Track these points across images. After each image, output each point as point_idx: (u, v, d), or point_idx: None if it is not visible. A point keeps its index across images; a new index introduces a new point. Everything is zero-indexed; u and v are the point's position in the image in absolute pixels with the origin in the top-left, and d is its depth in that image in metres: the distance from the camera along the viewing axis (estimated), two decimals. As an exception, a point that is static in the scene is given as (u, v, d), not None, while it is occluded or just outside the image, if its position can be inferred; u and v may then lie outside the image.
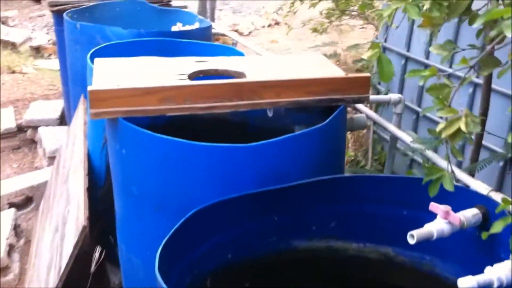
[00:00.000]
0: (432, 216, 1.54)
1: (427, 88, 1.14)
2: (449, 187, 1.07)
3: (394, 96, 2.10)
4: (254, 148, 1.51)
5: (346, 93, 1.76)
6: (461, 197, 1.53)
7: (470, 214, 1.42)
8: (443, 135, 1.03)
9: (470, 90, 2.63)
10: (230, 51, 2.53)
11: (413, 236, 1.37)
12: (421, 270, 1.67)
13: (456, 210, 1.47)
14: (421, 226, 1.62)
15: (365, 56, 1.21)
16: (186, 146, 1.53)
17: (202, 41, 2.68)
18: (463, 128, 0.98)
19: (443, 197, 1.57)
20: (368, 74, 1.77)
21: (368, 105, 2.35)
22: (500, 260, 1.41)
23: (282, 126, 2.45)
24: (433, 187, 1.10)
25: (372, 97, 2.29)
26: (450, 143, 1.05)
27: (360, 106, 2.10)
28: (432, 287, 1.65)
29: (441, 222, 1.40)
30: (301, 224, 1.64)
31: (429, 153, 1.81)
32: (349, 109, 2.14)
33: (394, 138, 2.14)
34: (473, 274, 1.56)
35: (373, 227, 1.68)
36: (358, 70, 4.10)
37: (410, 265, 1.68)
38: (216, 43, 3.27)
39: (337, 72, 1.86)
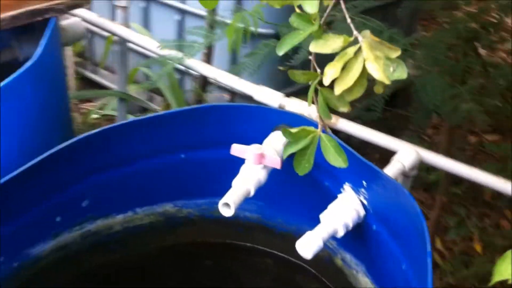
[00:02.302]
0: (222, 150, 1.11)
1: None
2: (338, 161, 0.62)
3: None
4: None
5: (52, -3, 1.09)
6: (250, 115, 1.12)
7: (280, 144, 1.03)
8: (337, 91, 0.55)
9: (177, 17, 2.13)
10: None
11: (229, 205, 0.92)
12: (212, 218, 1.26)
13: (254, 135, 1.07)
14: (208, 167, 1.19)
15: None
16: None
17: None
18: (379, 76, 0.51)
19: (229, 121, 1.15)
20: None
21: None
22: (322, 187, 1.09)
23: None
24: (302, 163, 0.63)
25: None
26: (344, 98, 0.57)
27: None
28: (226, 233, 1.28)
29: (254, 170, 0.97)
30: (36, 224, 1.03)
31: (193, 62, 1.27)
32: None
33: (123, 42, 1.53)
34: (285, 207, 1.23)
35: (142, 186, 1.17)
36: None
37: (198, 216, 1.26)
38: None
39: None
